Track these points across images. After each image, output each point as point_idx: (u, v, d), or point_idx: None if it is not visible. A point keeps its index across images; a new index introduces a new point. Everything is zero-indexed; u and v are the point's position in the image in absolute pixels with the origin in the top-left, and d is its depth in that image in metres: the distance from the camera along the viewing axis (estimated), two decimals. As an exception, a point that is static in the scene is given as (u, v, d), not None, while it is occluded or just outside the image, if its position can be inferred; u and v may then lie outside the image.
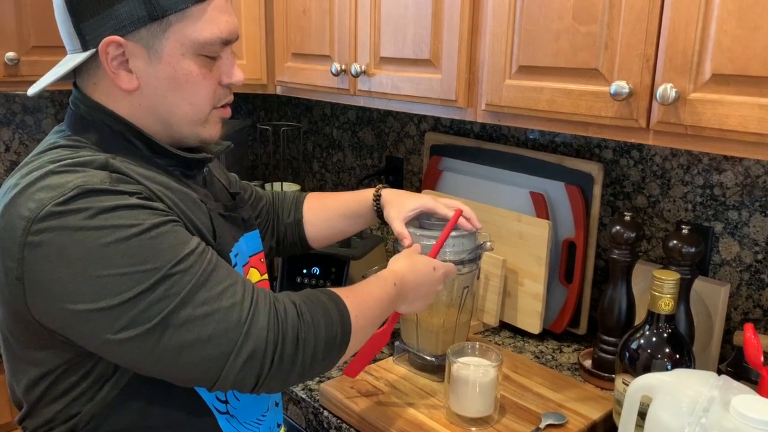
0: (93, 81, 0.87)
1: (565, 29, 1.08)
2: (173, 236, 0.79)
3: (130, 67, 0.84)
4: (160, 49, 0.84)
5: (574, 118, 1.09)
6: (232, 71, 0.92)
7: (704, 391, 0.82)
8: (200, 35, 0.85)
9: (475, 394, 1.12)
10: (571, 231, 1.47)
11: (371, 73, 1.46)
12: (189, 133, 0.91)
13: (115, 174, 0.80)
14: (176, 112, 0.88)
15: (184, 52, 0.85)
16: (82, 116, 0.87)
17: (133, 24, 0.81)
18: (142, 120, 0.88)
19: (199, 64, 0.86)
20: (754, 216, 1.29)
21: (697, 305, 1.28)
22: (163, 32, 0.83)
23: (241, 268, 0.98)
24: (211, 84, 0.89)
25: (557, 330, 1.51)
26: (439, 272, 1.11)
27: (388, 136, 2.03)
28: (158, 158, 0.89)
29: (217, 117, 0.94)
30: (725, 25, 0.89)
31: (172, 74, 0.85)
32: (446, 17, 1.27)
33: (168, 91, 0.86)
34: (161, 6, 0.81)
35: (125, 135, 0.87)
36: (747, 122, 0.88)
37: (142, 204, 0.78)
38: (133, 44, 0.82)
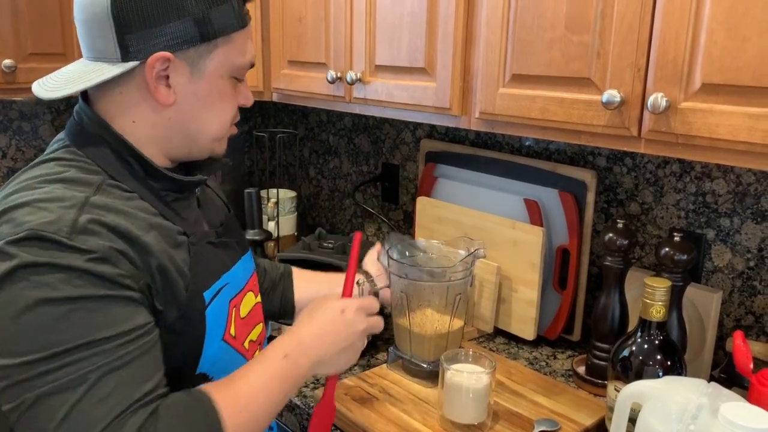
0: (119, 91, 0.87)
1: (557, 39, 1.09)
2: (101, 313, 0.75)
3: (170, 83, 0.86)
4: (203, 68, 0.87)
5: (567, 126, 1.10)
6: (248, 93, 0.96)
7: (693, 398, 0.82)
8: (237, 59, 0.90)
9: (468, 400, 1.13)
10: (565, 238, 1.47)
11: (366, 81, 1.47)
12: (206, 149, 0.94)
13: (86, 219, 0.77)
14: (204, 129, 0.91)
15: (222, 73, 0.89)
16: (84, 129, 0.88)
17: (185, 43, 0.84)
18: (166, 134, 0.89)
19: (230, 85, 0.91)
20: (745, 223, 1.30)
21: (690, 312, 1.29)
22: (209, 53, 0.87)
23: (227, 302, 0.95)
24: (234, 104, 0.94)
25: (551, 336, 1.52)
26: (349, 313, 0.98)
27: (384, 142, 2.04)
28: (152, 181, 0.89)
29: (229, 134, 0.97)
30: (715, 35, 0.90)
31: (209, 93, 0.89)
32: (441, 26, 1.28)
33: (203, 108, 0.89)
34: (213, 30, 0.85)
35: (122, 155, 0.87)
36: (736, 131, 0.89)
37: (86, 269, 0.75)
38: (179, 61, 0.85)
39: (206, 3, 0.84)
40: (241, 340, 0.99)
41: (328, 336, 0.96)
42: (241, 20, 0.89)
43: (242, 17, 0.89)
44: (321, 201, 2.34)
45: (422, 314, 1.30)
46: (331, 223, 2.31)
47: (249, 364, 0.90)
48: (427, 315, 1.29)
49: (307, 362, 0.93)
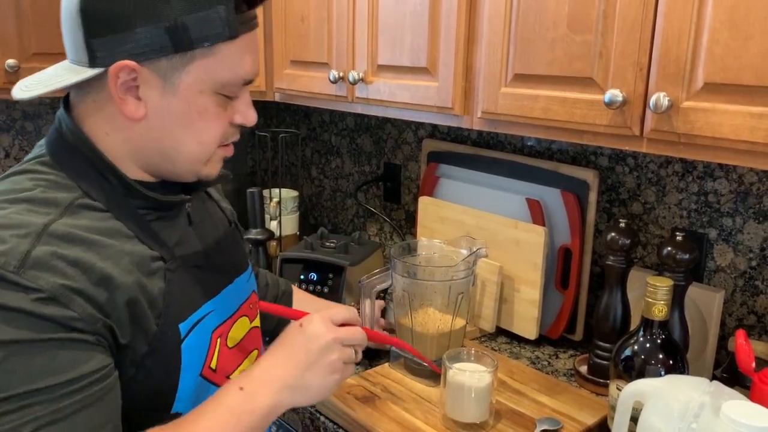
0: (92, 99, 0.80)
1: (560, 38, 1.09)
2: (41, 359, 0.68)
3: (139, 95, 0.77)
4: (178, 83, 0.78)
5: (569, 125, 1.11)
6: (248, 112, 0.86)
7: (695, 396, 0.83)
8: (223, 74, 0.79)
9: (470, 399, 1.13)
10: (567, 237, 1.47)
11: (369, 81, 1.47)
12: (188, 170, 0.85)
13: (41, 252, 0.70)
14: (181, 149, 0.82)
15: (203, 88, 0.79)
16: (64, 138, 0.81)
17: (154, 52, 0.75)
18: (139, 150, 0.82)
19: (216, 103, 0.81)
20: (748, 223, 1.29)
21: (692, 311, 1.29)
22: (185, 66, 0.77)
23: (209, 333, 0.88)
24: (222, 123, 0.83)
25: (553, 336, 1.52)
26: (308, 327, 0.88)
27: (386, 142, 2.04)
28: (131, 198, 0.82)
29: (220, 156, 0.87)
30: (717, 34, 0.90)
31: (185, 109, 0.79)
32: (443, 26, 1.28)
33: (177, 126, 0.80)
34: (189, 38, 0.75)
35: (99, 168, 0.80)
36: (739, 131, 0.89)
37: (29, 310, 0.67)
38: (149, 72, 0.76)
39: (184, 8, 0.74)
40: (226, 372, 0.91)
41: (289, 359, 0.86)
42: (231, 30, 0.77)
43: (233, 26, 0.77)
44: (323, 201, 2.34)
45: (424, 313, 1.30)
46: (333, 223, 2.31)
47: (204, 404, 0.81)
48: (429, 314, 1.30)
49: (268, 393, 0.83)
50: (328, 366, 0.87)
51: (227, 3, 0.76)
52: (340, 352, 0.89)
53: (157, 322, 0.79)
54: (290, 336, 0.89)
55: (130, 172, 0.83)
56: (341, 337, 0.89)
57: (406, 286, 1.29)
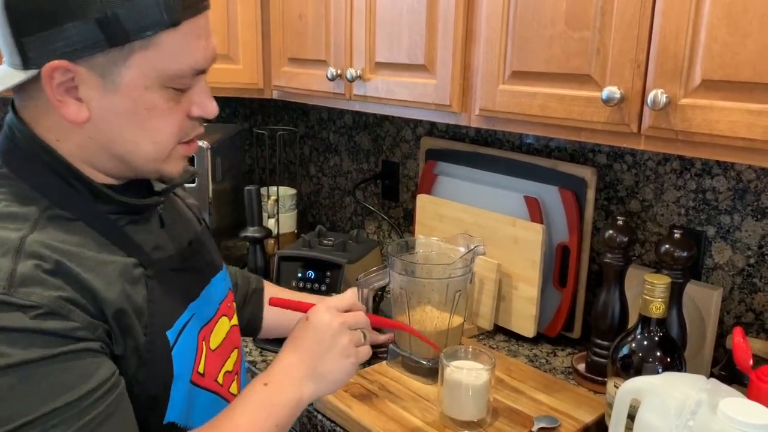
0: (34, 104, 0.74)
1: (557, 35, 1.09)
2: (55, 376, 0.66)
3: (80, 96, 0.72)
4: (119, 79, 0.71)
5: (567, 123, 1.10)
6: (206, 103, 0.79)
7: (692, 394, 0.82)
8: (169, 66, 0.73)
9: (467, 397, 1.13)
10: (565, 235, 1.47)
11: (366, 78, 1.47)
12: (148, 170, 0.80)
13: (26, 267, 0.67)
14: (135, 150, 0.76)
15: (149, 83, 0.73)
16: (18, 146, 0.75)
17: (87, 48, 0.69)
18: (94, 155, 0.76)
19: (166, 98, 0.75)
20: (746, 220, 1.29)
21: (690, 309, 1.29)
22: (124, 60, 0.71)
23: (195, 336, 0.86)
24: (177, 118, 0.77)
25: (551, 334, 1.52)
26: (314, 318, 0.90)
27: (385, 140, 2.04)
28: (101, 204, 0.77)
29: (181, 153, 0.82)
30: (715, 31, 0.90)
31: (131, 108, 0.73)
32: (441, 23, 1.28)
33: (126, 126, 0.74)
34: (123, 30, 0.69)
35: (63, 175, 0.75)
36: (736, 127, 0.89)
37: (33, 328, 0.65)
38: (86, 71, 0.70)
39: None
40: (213, 375, 0.90)
41: (303, 351, 0.88)
42: (171, 16, 0.71)
43: (173, 12, 0.71)
44: (321, 198, 2.34)
45: (422, 311, 1.30)
46: (332, 221, 2.31)
47: (233, 403, 0.83)
48: (427, 312, 1.29)
49: (292, 384, 0.85)
50: (341, 351, 0.89)
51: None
52: (350, 336, 0.91)
53: (145, 332, 0.77)
54: (300, 330, 0.90)
55: (94, 177, 0.78)
56: (347, 322, 0.91)
57: (403, 283, 1.28)
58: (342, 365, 0.90)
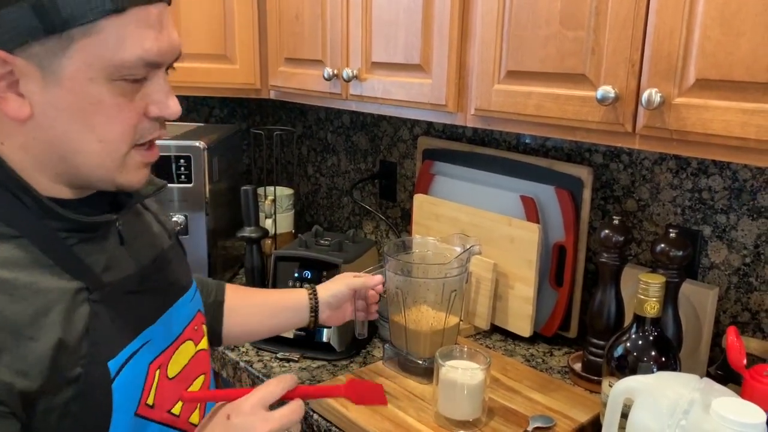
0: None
1: (552, 35, 1.09)
2: None
3: (20, 91, 0.67)
4: (59, 71, 0.66)
5: (562, 122, 1.10)
6: (166, 101, 0.73)
7: (685, 393, 0.82)
8: (114, 56, 0.67)
9: (463, 397, 1.13)
10: (561, 235, 1.47)
11: (363, 78, 1.47)
12: (100, 178, 0.73)
13: None
14: (81, 150, 0.70)
15: (93, 75, 0.67)
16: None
17: (21, 36, 0.64)
18: (40, 159, 0.71)
19: (114, 92, 0.69)
20: (742, 219, 1.29)
21: (686, 308, 1.29)
22: (64, 50, 0.65)
23: (145, 367, 0.79)
24: (129, 116, 0.71)
25: (548, 333, 1.52)
26: (236, 417, 0.77)
27: (382, 140, 2.04)
28: (48, 220, 0.71)
29: (138, 160, 0.75)
30: (709, 31, 0.90)
31: (75, 103, 0.68)
32: (436, 23, 1.28)
33: (69, 123, 0.68)
34: (61, 17, 0.63)
35: (8, 186, 0.70)
36: (730, 127, 0.89)
37: None
38: (24, 62, 0.65)
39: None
40: (166, 406, 0.82)
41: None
42: (114, 2, 0.65)
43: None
44: (319, 198, 2.34)
45: (417, 311, 1.30)
46: (329, 221, 2.31)
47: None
48: (423, 311, 1.29)
49: None
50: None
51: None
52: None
53: (82, 363, 0.70)
54: (217, 429, 0.77)
55: (43, 187, 0.72)
56: (278, 427, 0.77)
57: (399, 283, 1.28)
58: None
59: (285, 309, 1.18)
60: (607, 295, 1.31)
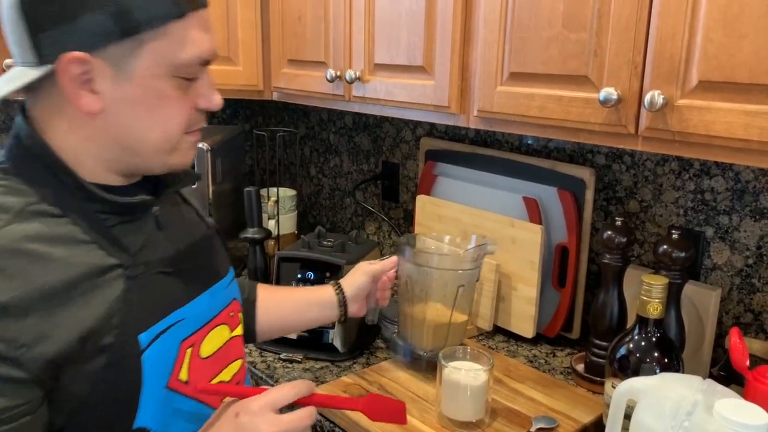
0: (47, 99, 0.77)
1: (555, 37, 1.09)
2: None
3: (94, 87, 0.74)
4: (131, 69, 0.74)
5: (565, 124, 1.11)
6: (211, 95, 0.82)
7: (688, 394, 0.83)
8: (177, 55, 0.76)
9: (466, 397, 1.13)
10: (564, 236, 1.48)
11: (365, 80, 1.47)
12: (157, 162, 0.82)
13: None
14: (144, 138, 0.79)
15: (159, 73, 0.76)
16: (22, 144, 0.78)
17: (101, 40, 0.72)
18: (102, 148, 0.78)
19: (174, 86, 0.78)
20: (744, 221, 1.29)
21: (689, 309, 1.29)
22: (135, 50, 0.74)
23: (177, 343, 0.84)
24: (186, 108, 0.80)
25: (550, 334, 1.52)
26: (244, 416, 0.77)
27: (384, 141, 2.04)
28: (89, 202, 0.78)
29: (189, 143, 0.84)
30: (711, 33, 0.90)
31: (142, 96, 0.76)
32: (439, 25, 1.28)
33: (137, 115, 0.77)
34: (135, 21, 0.72)
35: (56, 172, 0.77)
36: (733, 128, 0.89)
37: None
38: (100, 62, 0.73)
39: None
40: (200, 384, 0.87)
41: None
42: (179, 7, 0.75)
43: (180, 4, 0.75)
44: (321, 199, 2.35)
45: (424, 302, 1.29)
46: (332, 222, 2.31)
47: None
48: (430, 305, 1.29)
49: None
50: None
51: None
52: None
53: (114, 333, 0.75)
54: (224, 426, 0.79)
55: (93, 174, 0.80)
56: (283, 431, 0.77)
57: (410, 272, 1.27)
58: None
59: (316, 305, 1.21)
60: (609, 296, 1.32)
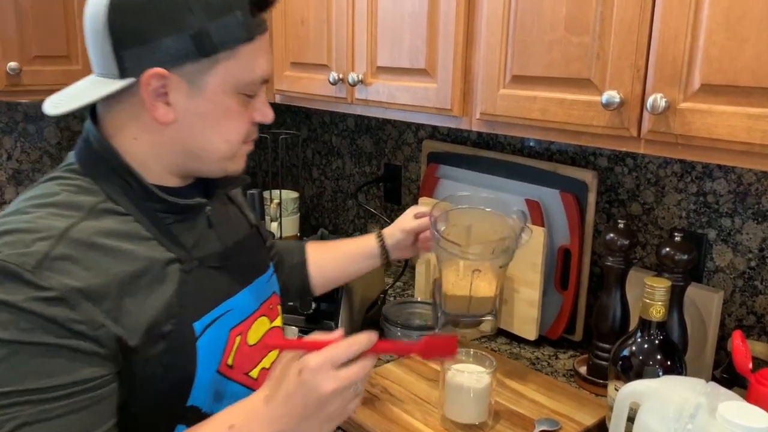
0: (121, 108, 0.84)
1: (557, 40, 1.09)
2: (39, 361, 0.71)
3: (168, 100, 0.82)
4: (203, 85, 0.82)
5: (567, 127, 1.11)
6: (266, 110, 0.91)
7: (691, 397, 0.83)
8: (245, 74, 0.84)
9: (469, 400, 1.13)
10: (566, 238, 1.48)
11: (368, 82, 1.47)
12: (216, 168, 0.90)
13: (58, 253, 0.74)
14: (209, 147, 0.87)
15: (227, 89, 0.84)
16: (91, 147, 0.86)
17: (180, 59, 0.80)
18: (167, 153, 0.86)
19: (238, 102, 0.86)
20: (747, 223, 1.30)
21: (691, 312, 1.29)
22: (210, 69, 0.82)
23: (226, 331, 0.91)
24: (246, 121, 0.88)
25: (553, 336, 1.52)
26: (306, 374, 0.78)
27: (387, 143, 2.04)
28: (150, 202, 0.86)
29: (244, 151, 0.92)
30: (714, 36, 0.90)
31: (211, 110, 0.84)
32: (441, 28, 1.28)
33: (204, 126, 0.85)
34: (212, 43, 0.80)
35: (122, 174, 0.85)
36: (735, 131, 0.90)
37: (36, 311, 0.71)
38: (177, 78, 0.81)
39: (205, 16, 0.79)
40: (244, 369, 0.94)
41: (284, 406, 0.80)
42: (249, 32, 0.83)
43: (250, 29, 0.83)
44: (324, 202, 2.35)
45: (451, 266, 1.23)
46: (334, 224, 2.32)
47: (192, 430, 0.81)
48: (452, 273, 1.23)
49: None
50: (324, 417, 0.80)
51: (243, 8, 0.81)
52: (341, 401, 0.80)
53: (172, 321, 0.83)
54: (288, 382, 0.80)
55: (155, 176, 0.87)
56: (342, 386, 0.79)
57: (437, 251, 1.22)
58: (321, 429, 0.82)
59: (360, 257, 1.29)
60: (612, 299, 1.32)
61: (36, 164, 2.21)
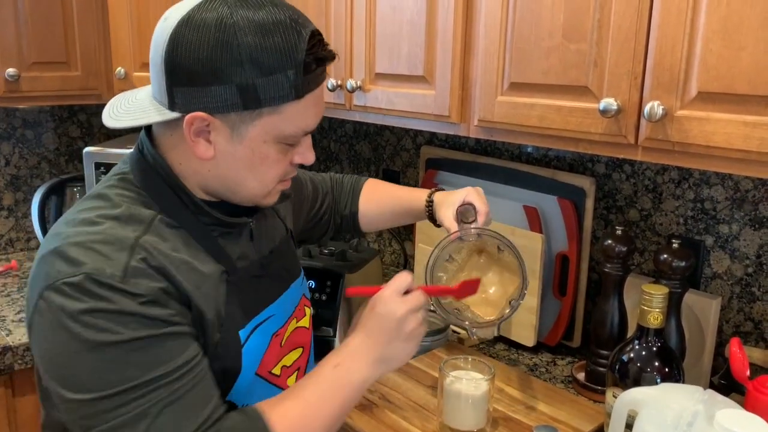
0: (169, 134, 0.89)
1: (555, 47, 1.10)
2: (155, 351, 0.80)
3: (210, 139, 0.85)
4: (245, 133, 0.85)
5: (565, 134, 1.11)
6: (307, 154, 0.93)
7: (689, 405, 0.83)
8: (287, 129, 0.87)
9: (467, 407, 1.13)
10: (564, 244, 1.48)
11: (367, 89, 1.48)
12: (249, 202, 0.94)
13: (137, 262, 0.81)
14: (244, 186, 0.91)
15: (267, 139, 0.86)
16: (144, 158, 0.90)
17: (225, 108, 0.82)
18: (206, 181, 0.90)
19: (278, 150, 0.88)
20: (744, 230, 1.30)
21: (689, 318, 1.29)
22: (252, 120, 0.84)
23: (269, 336, 0.98)
24: (283, 166, 0.91)
25: (551, 343, 1.52)
26: (380, 306, 0.94)
27: (385, 149, 2.05)
28: (200, 216, 0.91)
29: (279, 189, 0.96)
30: (711, 44, 0.91)
31: (249, 156, 0.87)
32: (440, 35, 1.29)
33: (241, 169, 0.88)
34: (258, 99, 0.82)
35: (174, 189, 0.90)
36: (732, 139, 0.90)
37: (139, 312, 0.79)
38: (220, 123, 0.84)
39: (255, 72, 0.81)
40: (268, 367, 1.00)
41: (372, 338, 0.94)
42: (297, 92, 0.84)
43: (299, 88, 0.84)
44: (322, 207, 2.35)
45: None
46: (333, 230, 2.31)
47: (303, 380, 0.92)
48: None
49: (360, 367, 0.92)
50: (405, 336, 0.94)
51: (297, 67, 0.82)
52: (414, 321, 0.95)
53: (221, 330, 0.90)
54: (368, 318, 0.95)
55: (199, 194, 0.92)
56: (411, 308, 0.94)
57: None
58: (406, 349, 0.95)
59: (408, 213, 1.33)
60: (610, 305, 1.32)
61: (34, 170, 2.21)
